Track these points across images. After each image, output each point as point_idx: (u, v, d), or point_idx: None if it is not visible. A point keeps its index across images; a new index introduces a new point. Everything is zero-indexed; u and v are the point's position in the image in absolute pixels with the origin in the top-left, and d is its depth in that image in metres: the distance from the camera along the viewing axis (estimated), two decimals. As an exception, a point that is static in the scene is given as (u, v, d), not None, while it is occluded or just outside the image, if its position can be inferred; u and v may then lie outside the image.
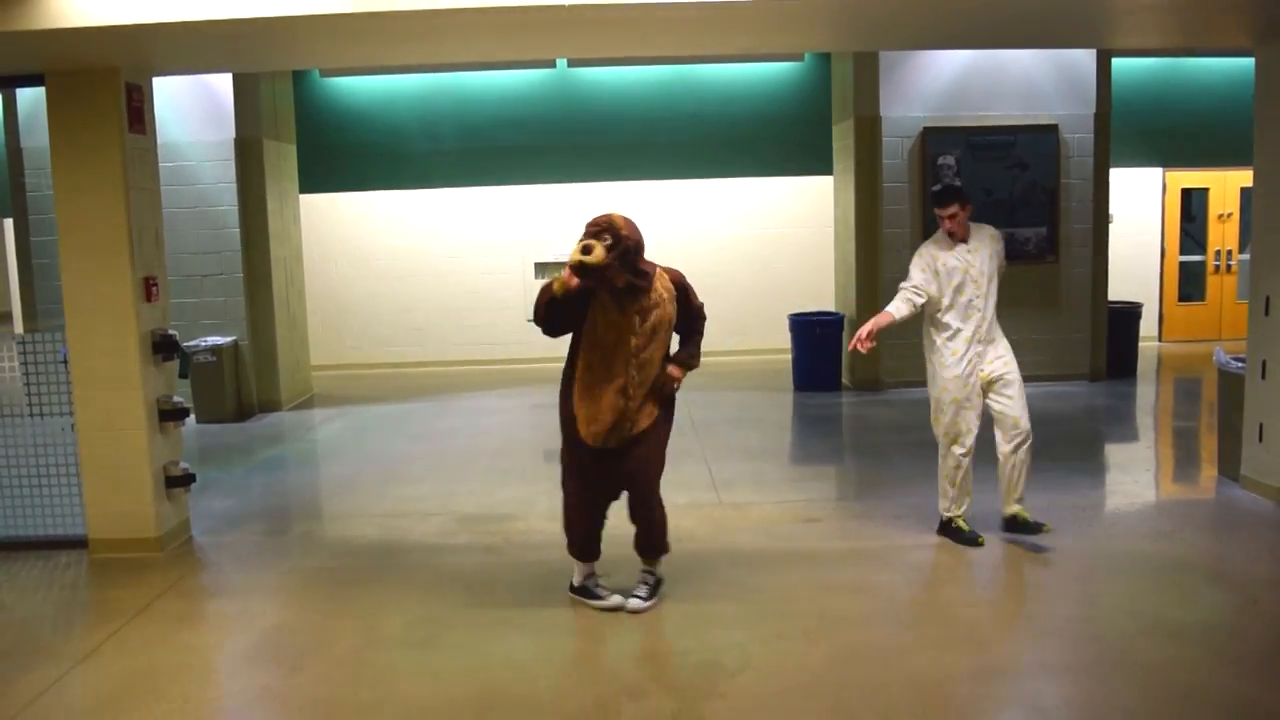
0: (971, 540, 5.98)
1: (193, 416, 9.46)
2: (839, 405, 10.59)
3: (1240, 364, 7.10)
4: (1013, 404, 5.94)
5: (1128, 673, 4.38)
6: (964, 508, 6.09)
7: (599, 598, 5.30)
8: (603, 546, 5.37)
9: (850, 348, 6.00)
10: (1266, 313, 6.74)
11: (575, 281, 4.75)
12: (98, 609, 5.57)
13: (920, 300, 5.97)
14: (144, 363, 6.22)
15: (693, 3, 5.20)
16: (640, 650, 4.83)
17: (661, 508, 5.28)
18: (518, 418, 10.63)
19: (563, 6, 5.14)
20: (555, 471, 7.94)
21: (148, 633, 5.11)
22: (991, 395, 5.99)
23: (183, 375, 6.68)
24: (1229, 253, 14.04)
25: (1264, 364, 6.76)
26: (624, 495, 5.28)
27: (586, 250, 4.73)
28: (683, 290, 5.10)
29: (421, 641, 4.91)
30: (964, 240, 5.96)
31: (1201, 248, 14.18)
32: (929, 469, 7.75)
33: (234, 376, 10.58)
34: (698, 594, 5.43)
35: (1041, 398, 10.41)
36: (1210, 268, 14.20)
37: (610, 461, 5.12)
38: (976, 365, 5.96)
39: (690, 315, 5.17)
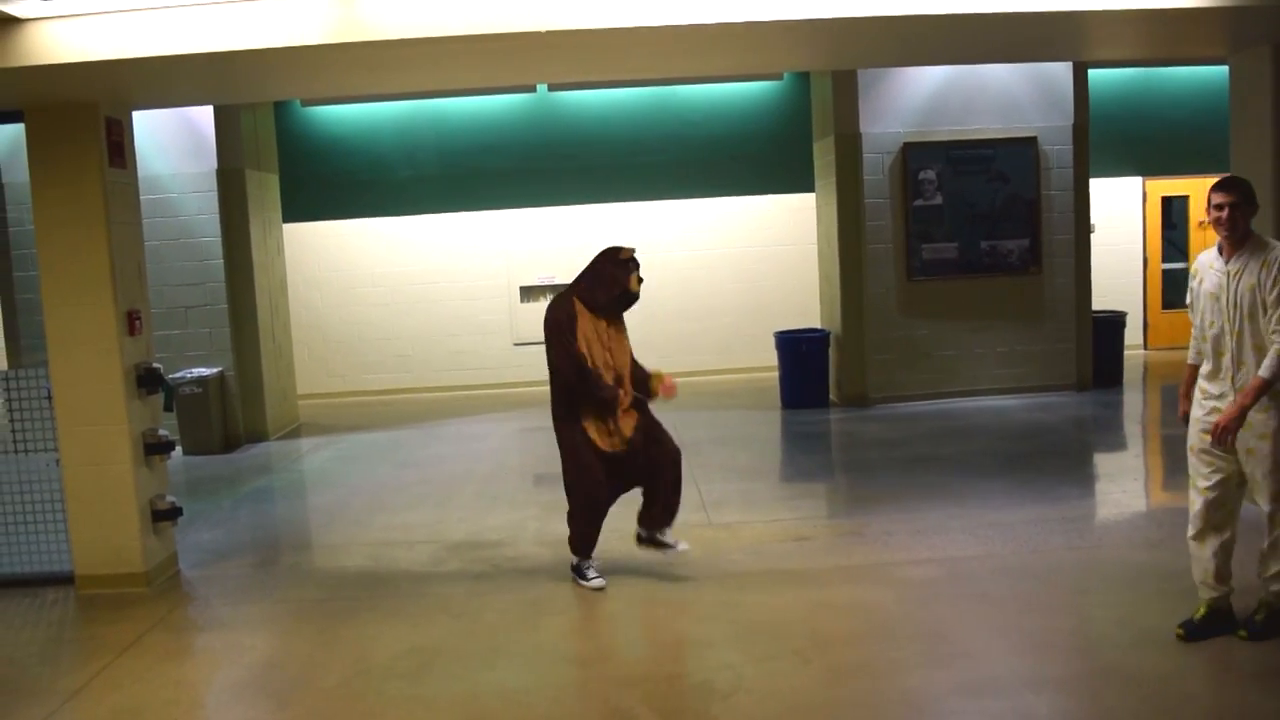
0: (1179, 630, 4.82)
1: (179, 448, 9.41)
2: (827, 422, 10.60)
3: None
4: (1258, 481, 4.64)
5: (1121, 685, 4.37)
6: (1212, 591, 4.82)
7: (588, 578, 5.90)
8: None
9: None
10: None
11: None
12: (85, 645, 5.52)
13: (1195, 341, 4.86)
14: (128, 397, 6.19)
15: (669, 25, 5.24)
16: (632, 675, 4.80)
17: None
18: (505, 442, 10.60)
19: (540, 32, 5.16)
20: (544, 496, 7.98)
21: (136, 669, 5.07)
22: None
23: (168, 408, 6.65)
24: (1211, 260, 14.06)
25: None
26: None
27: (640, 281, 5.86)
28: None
29: (411, 672, 4.88)
30: (1231, 255, 4.64)
31: (1184, 255, 14.25)
32: (917, 485, 7.77)
33: (220, 408, 10.53)
34: (689, 616, 5.41)
35: (1028, 409, 10.45)
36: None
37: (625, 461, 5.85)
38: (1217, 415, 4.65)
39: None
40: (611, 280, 5.79)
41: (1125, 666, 4.55)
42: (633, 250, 5.83)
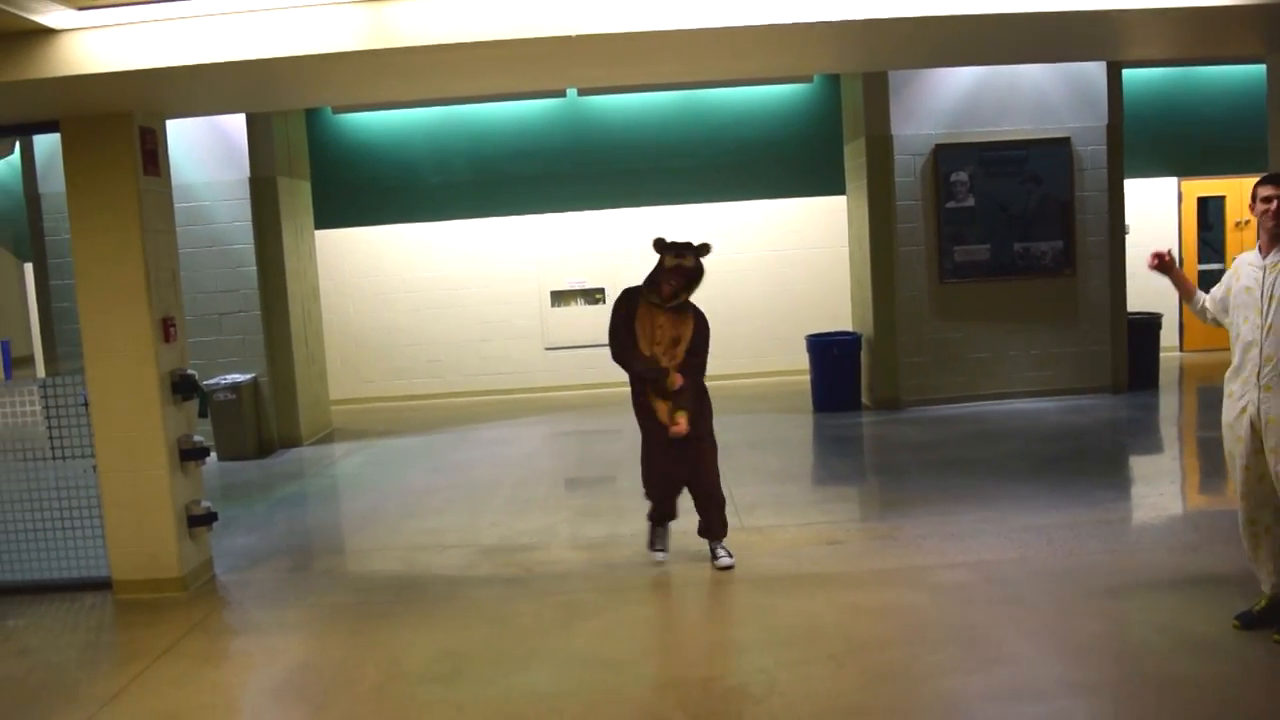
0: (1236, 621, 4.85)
1: (214, 454, 9.49)
2: (859, 425, 10.55)
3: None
4: (1277, 476, 4.63)
5: (1158, 690, 4.33)
6: (1268, 586, 4.82)
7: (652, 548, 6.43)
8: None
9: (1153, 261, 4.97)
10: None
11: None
12: (123, 650, 5.58)
13: (1210, 305, 4.95)
14: (164, 403, 6.25)
15: (699, 29, 5.22)
16: (665, 679, 4.79)
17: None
18: (537, 447, 10.62)
19: (570, 37, 5.17)
20: (576, 500, 8.00)
21: (173, 673, 5.11)
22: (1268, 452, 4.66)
23: (203, 414, 6.70)
24: (1248, 260, 13.87)
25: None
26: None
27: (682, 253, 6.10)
28: (702, 323, 6.20)
29: (445, 675, 4.90)
30: (1269, 251, 4.66)
31: (1220, 256, 14.09)
32: (951, 488, 7.72)
33: (254, 413, 10.61)
34: (722, 620, 5.40)
35: (1063, 411, 10.36)
36: (1229, 276, 14.05)
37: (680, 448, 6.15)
38: (1253, 415, 4.66)
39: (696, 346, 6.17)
40: (652, 276, 6.15)
41: (1164, 672, 4.49)
42: (671, 247, 6.09)
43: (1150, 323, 11.52)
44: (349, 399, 13.71)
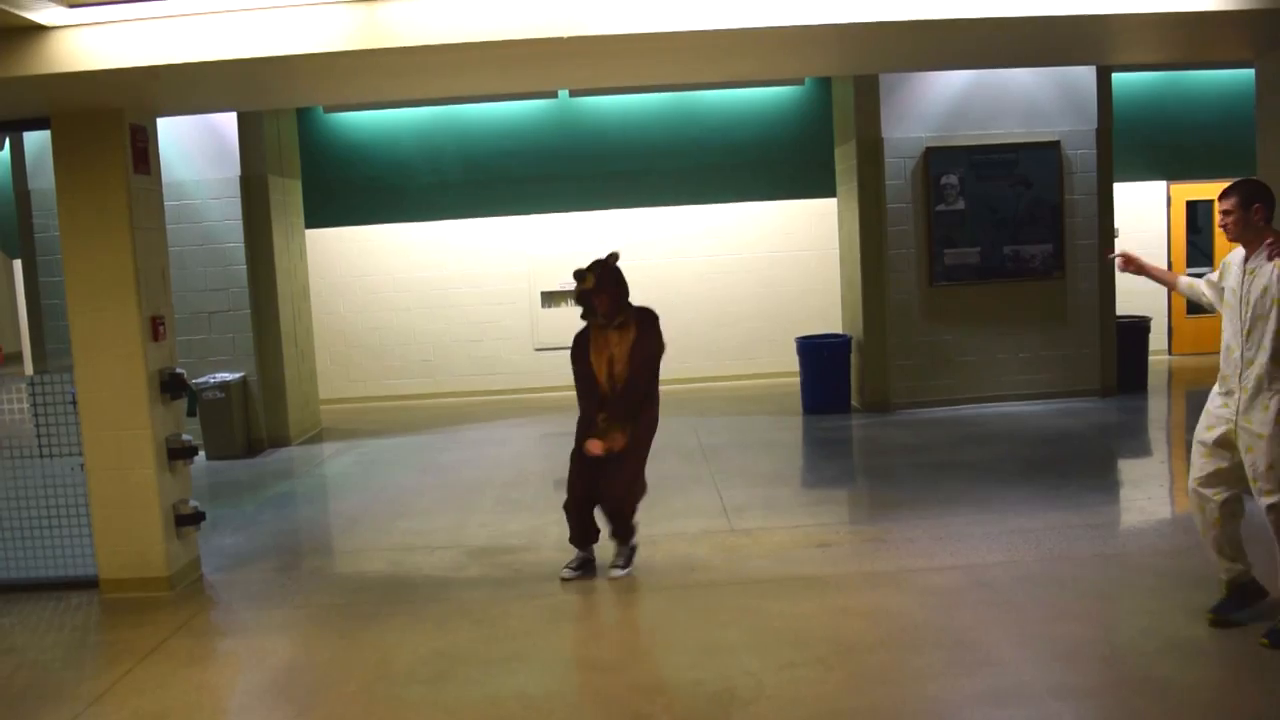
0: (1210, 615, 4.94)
1: (202, 453, 9.45)
2: (849, 428, 10.56)
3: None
4: (1256, 478, 4.68)
5: (1147, 693, 4.33)
6: (1224, 571, 4.93)
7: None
8: None
9: (1116, 259, 5.26)
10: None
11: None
12: (109, 650, 5.55)
13: (1199, 283, 4.99)
14: (152, 402, 6.23)
15: (691, 31, 5.23)
16: (653, 681, 4.79)
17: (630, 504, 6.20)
18: (527, 448, 10.61)
19: (562, 38, 5.17)
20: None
21: (159, 673, 5.09)
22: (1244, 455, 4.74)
23: (191, 413, 6.68)
24: (1236, 264, 13.91)
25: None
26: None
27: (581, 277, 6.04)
28: (645, 324, 6.12)
29: (432, 677, 4.89)
30: (1250, 254, 4.69)
31: (1208, 259, 14.13)
32: (940, 491, 7.73)
33: (243, 412, 10.58)
34: (710, 622, 5.39)
35: (1052, 414, 10.38)
36: (1218, 280, 14.09)
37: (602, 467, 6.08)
38: (1229, 416, 4.75)
39: (641, 355, 6.10)
40: (579, 298, 6.17)
41: (1152, 675, 4.51)
42: (575, 277, 6.16)
43: (1139, 326, 11.56)
44: (338, 399, 13.67)
